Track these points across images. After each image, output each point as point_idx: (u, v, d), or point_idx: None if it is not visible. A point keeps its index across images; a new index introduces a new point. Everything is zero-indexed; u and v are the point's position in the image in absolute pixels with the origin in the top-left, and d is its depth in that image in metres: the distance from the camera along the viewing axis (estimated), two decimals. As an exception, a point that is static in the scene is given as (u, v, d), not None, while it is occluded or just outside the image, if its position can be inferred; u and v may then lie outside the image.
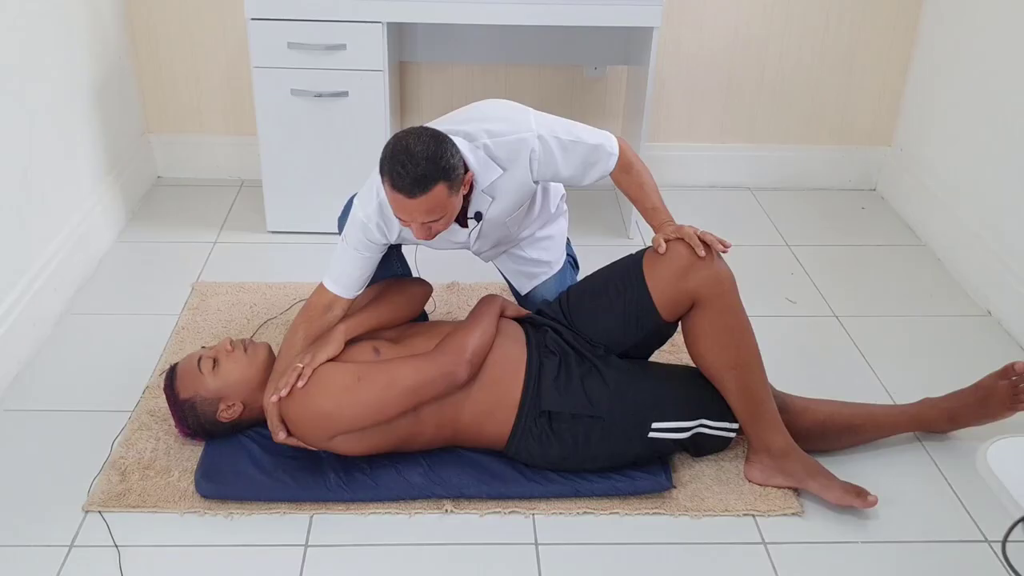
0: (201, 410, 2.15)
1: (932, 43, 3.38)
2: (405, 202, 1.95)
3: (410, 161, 1.91)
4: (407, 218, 2.00)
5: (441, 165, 1.93)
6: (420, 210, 1.96)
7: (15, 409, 2.37)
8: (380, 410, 2.04)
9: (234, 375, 2.16)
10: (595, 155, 2.19)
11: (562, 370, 2.12)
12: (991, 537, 2.06)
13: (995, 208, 2.95)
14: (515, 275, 2.56)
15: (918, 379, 2.54)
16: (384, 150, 1.97)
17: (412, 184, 1.92)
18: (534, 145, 2.11)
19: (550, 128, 2.14)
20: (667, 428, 2.12)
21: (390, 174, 1.93)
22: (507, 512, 2.09)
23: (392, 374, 2.05)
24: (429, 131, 1.98)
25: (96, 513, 2.05)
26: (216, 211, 3.40)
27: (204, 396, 2.15)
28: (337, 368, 2.08)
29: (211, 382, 2.15)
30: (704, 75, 3.54)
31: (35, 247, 2.67)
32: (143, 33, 3.40)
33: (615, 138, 2.23)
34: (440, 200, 1.96)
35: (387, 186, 1.95)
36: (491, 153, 2.10)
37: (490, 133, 2.10)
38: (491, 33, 3.32)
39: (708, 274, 2.06)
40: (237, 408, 2.16)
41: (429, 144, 1.93)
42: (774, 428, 2.13)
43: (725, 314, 2.09)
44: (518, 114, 2.16)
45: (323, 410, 2.04)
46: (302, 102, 3.00)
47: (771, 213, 3.52)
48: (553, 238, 2.54)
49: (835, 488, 2.09)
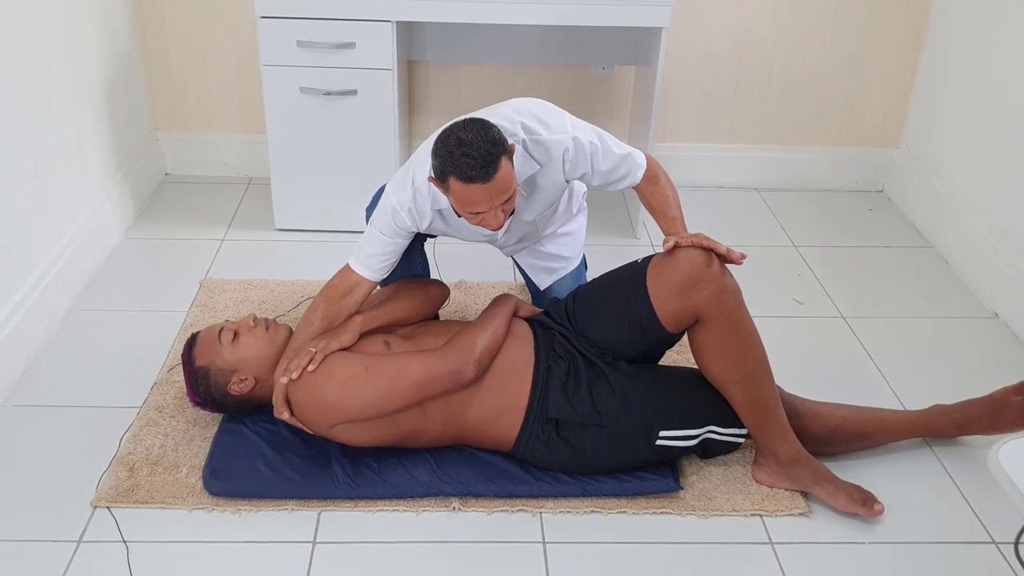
0: (213, 380, 2.16)
1: (940, 44, 3.37)
2: (481, 189, 1.93)
3: (471, 149, 1.90)
4: (485, 206, 1.98)
5: (496, 140, 1.93)
6: (495, 192, 1.95)
7: (24, 405, 2.38)
8: (385, 402, 2.05)
9: (251, 350, 2.17)
10: (624, 166, 2.21)
11: (570, 377, 2.12)
12: (999, 539, 2.05)
13: (1003, 210, 2.94)
14: (535, 270, 2.57)
15: (925, 381, 2.54)
16: (438, 153, 1.95)
17: (483, 167, 1.90)
18: (568, 144, 2.12)
19: (584, 132, 2.15)
20: (675, 436, 2.11)
21: (457, 169, 1.91)
22: (515, 511, 2.09)
23: (400, 368, 2.06)
24: (469, 119, 1.98)
25: (104, 509, 2.05)
26: (224, 208, 3.41)
27: (219, 366, 2.16)
28: (347, 357, 2.09)
29: (228, 353, 2.16)
30: (712, 76, 3.54)
31: (44, 244, 2.68)
32: (152, 31, 3.41)
33: (644, 154, 2.25)
34: (508, 175, 1.95)
35: (457, 184, 1.93)
36: (528, 149, 2.11)
37: (527, 130, 2.11)
38: (499, 33, 3.32)
39: (711, 291, 2.04)
40: (249, 383, 2.16)
41: (478, 129, 1.93)
42: (782, 436, 2.13)
43: (730, 329, 2.08)
44: (554, 114, 2.16)
45: (329, 397, 2.05)
46: (311, 100, 3.01)
47: (778, 214, 3.51)
48: (573, 234, 2.55)
49: (841, 496, 2.09)
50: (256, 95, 3.42)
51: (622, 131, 3.61)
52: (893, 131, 3.64)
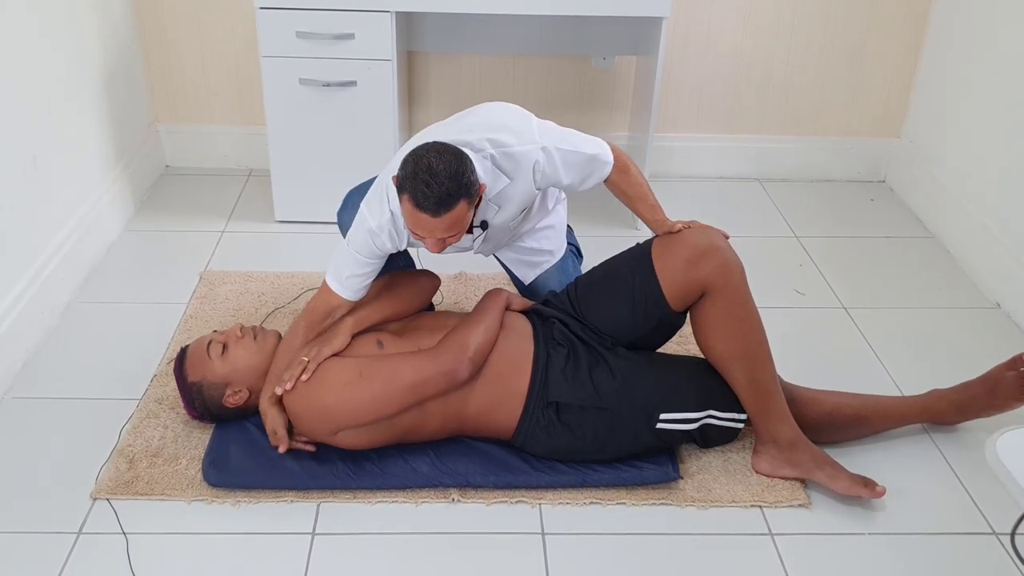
0: (208, 394, 2.16)
1: (942, 34, 3.36)
2: (428, 221, 1.93)
3: (434, 180, 1.89)
4: (425, 234, 1.98)
5: (463, 182, 1.92)
6: (441, 227, 1.95)
7: (24, 397, 2.38)
8: (382, 406, 2.05)
9: (242, 361, 2.17)
10: (591, 165, 2.18)
11: (570, 361, 2.12)
12: (998, 529, 2.05)
13: (1004, 200, 2.94)
14: (517, 265, 2.55)
15: (926, 371, 2.54)
16: (403, 168, 1.94)
17: (437, 203, 1.90)
18: (538, 157, 2.09)
19: (552, 139, 2.12)
20: (675, 419, 2.12)
21: (413, 193, 1.91)
22: (514, 502, 2.09)
23: (393, 371, 2.05)
24: (448, 148, 1.96)
25: (104, 501, 2.06)
26: (224, 200, 3.41)
27: (211, 380, 2.15)
28: (340, 363, 2.08)
29: (219, 367, 2.15)
30: (713, 66, 3.53)
31: (43, 236, 2.67)
32: (152, 22, 3.40)
33: (607, 145, 2.22)
34: (461, 216, 1.95)
35: (409, 204, 1.93)
36: (497, 163, 2.08)
37: (495, 143, 2.08)
38: (499, 23, 3.31)
39: (718, 263, 2.07)
40: (243, 395, 2.16)
41: (451, 162, 1.91)
42: (782, 419, 2.13)
43: (734, 304, 2.10)
44: (522, 123, 2.13)
45: (325, 405, 2.04)
46: (310, 91, 3.00)
47: (780, 204, 3.51)
48: (554, 227, 2.53)
49: (843, 479, 2.09)
50: (256, 87, 3.41)
51: (622, 122, 3.60)
52: (894, 121, 3.63)
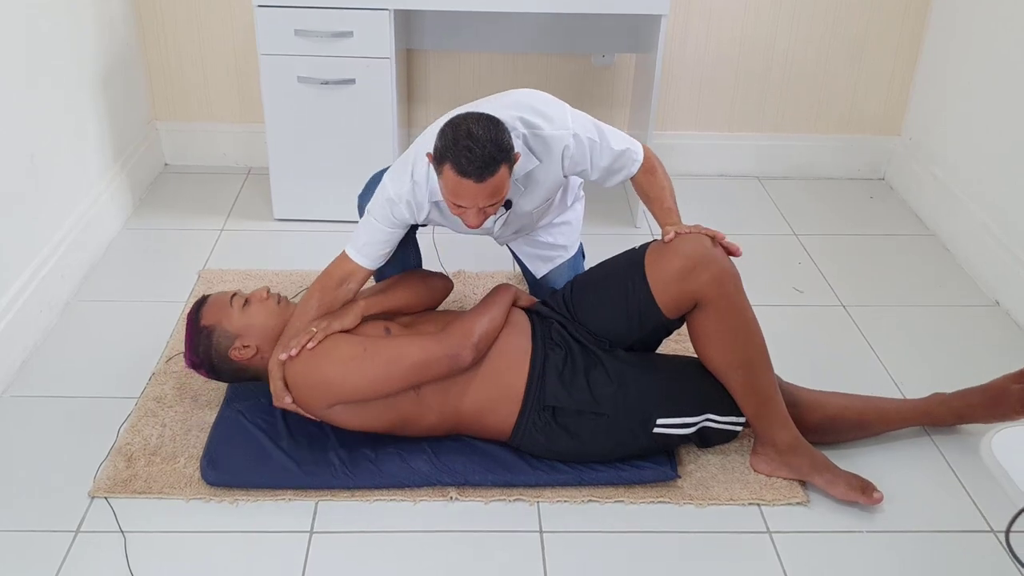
0: (216, 340, 2.17)
1: (942, 31, 3.36)
2: (472, 187, 1.92)
3: (476, 145, 1.88)
4: (469, 203, 1.97)
5: (503, 146, 1.91)
6: (484, 194, 1.94)
7: (22, 395, 2.38)
8: (382, 383, 2.05)
9: (259, 319, 2.18)
10: (621, 160, 2.20)
11: (567, 365, 2.12)
12: (996, 527, 2.05)
13: (1004, 198, 2.93)
14: (531, 258, 2.57)
15: (925, 369, 2.54)
16: (442, 138, 1.93)
17: (480, 168, 1.89)
18: (568, 142, 2.10)
19: (584, 128, 2.14)
20: (672, 424, 2.11)
21: (456, 160, 1.90)
22: (512, 500, 2.09)
23: (398, 350, 2.06)
24: (484, 114, 1.95)
25: (102, 499, 2.06)
26: (223, 198, 3.41)
27: (224, 328, 2.16)
28: (346, 338, 2.10)
29: (236, 318, 2.17)
30: (712, 63, 3.52)
31: (42, 234, 2.67)
32: (150, 20, 3.40)
33: (640, 144, 2.24)
34: (502, 181, 1.94)
35: (451, 173, 1.92)
36: (528, 144, 2.09)
37: (527, 124, 2.09)
38: (499, 21, 3.31)
39: (711, 275, 2.04)
40: (251, 350, 2.16)
41: (490, 127, 1.91)
42: (781, 424, 2.12)
43: (729, 314, 2.07)
44: (556, 109, 2.14)
45: (326, 376, 2.05)
46: (309, 89, 3.00)
47: (779, 202, 3.50)
48: (570, 223, 2.55)
49: (840, 484, 2.09)
50: (254, 84, 3.41)
51: (622, 119, 3.60)
52: (894, 119, 3.63)
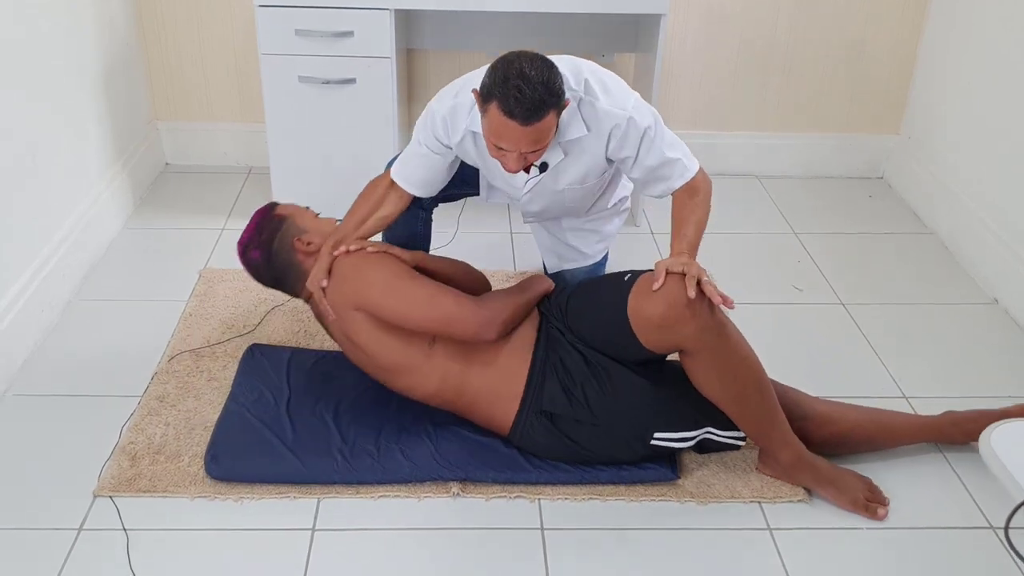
0: (286, 228, 2.29)
1: (940, 30, 3.37)
2: (516, 129, 1.88)
3: (527, 86, 1.84)
4: (512, 147, 1.93)
5: (554, 91, 1.87)
6: (528, 139, 1.91)
7: (24, 394, 2.38)
8: (411, 313, 2.10)
9: (328, 228, 2.31)
10: (669, 169, 2.14)
11: (566, 372, 2.10)
12: (996, 524, 2.06)
13: (1003, 196, 2.94)
14: (547, 251, 2.59)
15: (924, 367, 2.54)
16: (493, 74, 1.89)
17: (528, 111, 1.85)
18: (620, 122, 2.06)
19: (644, 116, 2.09)
20: (670, 438, 2.10)
21: (503, 99, 1.85)
22: (513, 497, 2.09)
23: (439, 295, 2.12)
24: (538, 55, 1.91)
25: (106, 498, 2.06)
26: (224, 198, 3.41)
27: (298, 223, 2.30)
28: (399, 263, 2.19)
29: (311, 221, 2.33)
30: (711, 62, 3.53)
31: (43, 233, 2.68)
32: (151, 20, 3.41)
33: (699, 166, 2.18)
34: (548, 127, 1.90)
35: (496, 112, 1.88)
36: (580, 108, 2.05)
37: (588, 90, 2.05)
38: (499, 20, 3.31)
39: (690, 331, 1.93)
40: (314, 247, 2.25)
41: (543, 69, 1.87)
42: (781, 444, 2.09)
43: (715, 361, 1.99)
44: (622, 90, 2.11)
45: (369, 279, 2.13)
46: (309, 89, 3.01)
47: (778, 201, 3.51)
48: (599, 232, 2.53)
49: (844, 500, 2.07)
50: (255, 84, 3.42)
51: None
52: (893, 117, 3.64)
